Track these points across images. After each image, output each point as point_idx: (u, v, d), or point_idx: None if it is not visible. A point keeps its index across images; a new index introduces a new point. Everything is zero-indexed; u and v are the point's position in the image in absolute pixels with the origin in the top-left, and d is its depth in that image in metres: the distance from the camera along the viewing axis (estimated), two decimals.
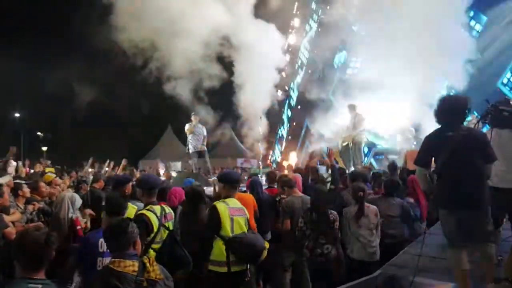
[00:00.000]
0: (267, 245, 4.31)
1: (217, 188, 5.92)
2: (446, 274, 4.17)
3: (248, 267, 4.22)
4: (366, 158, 16.25)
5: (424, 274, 4.30)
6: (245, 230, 4.29)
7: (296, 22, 22.79)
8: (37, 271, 2.38)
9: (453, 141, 3.54)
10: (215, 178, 7.41)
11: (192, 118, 12.05)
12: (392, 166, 7.65)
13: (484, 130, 5.05)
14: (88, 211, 5.68)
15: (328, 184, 6.58)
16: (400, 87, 11.32)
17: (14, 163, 7.69)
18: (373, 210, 5.27)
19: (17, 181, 5.95)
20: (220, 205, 4.25)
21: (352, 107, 11.56)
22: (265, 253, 4.24)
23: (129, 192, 5.34)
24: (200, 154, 12.26)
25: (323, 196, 5.12)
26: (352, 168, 9.88)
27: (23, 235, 2.42)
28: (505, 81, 12.63)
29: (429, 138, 3.84)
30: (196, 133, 11.96)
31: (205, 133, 12.22)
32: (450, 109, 3.69)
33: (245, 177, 10.10)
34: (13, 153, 7.21)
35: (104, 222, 3.60)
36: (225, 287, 4.12)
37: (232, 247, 4.08)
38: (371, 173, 8.12)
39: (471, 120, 6.48)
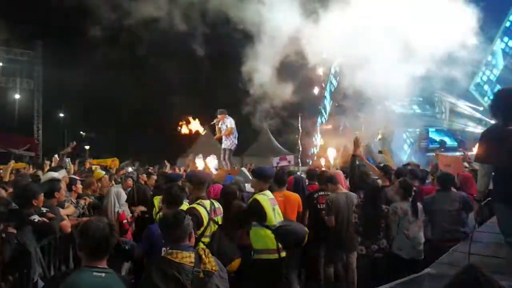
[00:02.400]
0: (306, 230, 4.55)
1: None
2: (498, 273, 4.03)
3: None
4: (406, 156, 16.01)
5: None
6: (282, 218, 4.50)
7: None
8: (101, 260, 2.48)
9: None
10: None
11: (219, 115, 11.42)
12: None
13: None
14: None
15: None
16: None
17: (67, 159, 8.02)
18: (420, 207, 5.17)
19: (72, 176, 6.20)
20: (260, 197, 4.40)
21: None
22: (306, 238, 4.47)
23: None
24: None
25: (376, 191, 5.06)
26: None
27: (88, 225, 2.51)
28: None
29: (490, 133, 3.68)
30: (222, 130, 11.52)
31: (228, 125, 11.25)
32: (509, 103, 3.56)
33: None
34: (72, 147, 7.57)
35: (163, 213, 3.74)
36: (274, 273, 4.32)
37: (279, 235, 4.27)
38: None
39: None
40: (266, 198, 4.44)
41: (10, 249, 3.70)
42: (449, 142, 16.24)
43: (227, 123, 11.24)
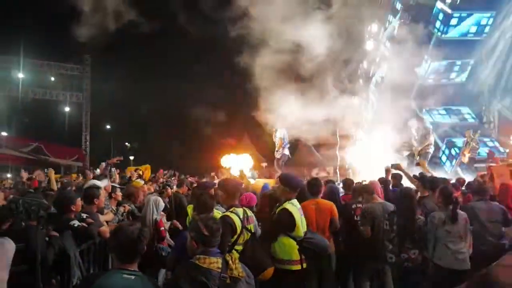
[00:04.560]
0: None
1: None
2: None
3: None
4: (451, 167, 15.39)
5: None
6: (306, 228, 4.50)
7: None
8: (131, 263, 2.54)
9: None
10: None
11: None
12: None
13: None
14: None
15: None
16: None
17: (113, 169, 8.45)
18: (463, 216, 4.92)
19: (113, 184, 6.44)
20: (290, 206, 4.36)
21: (419, 120, 11.35)
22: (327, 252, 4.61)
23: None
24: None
25: (410, 200, 4.92)
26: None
27: (118, 229, 2.61)
28: None
29: None
30: (277, 141, 11.92)
31: (278, 136, 11.84)
32: None
33: None
34: (117, 160, 8.22)
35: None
36: (294, 283, 4.31)
37: (304, 247, 4.29)
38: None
39: None
40: (295, 208, 4.39)
41: (54, 253, 3.88)
42: (497, 153, 15.46)
43: (278, 133, 11.65)
